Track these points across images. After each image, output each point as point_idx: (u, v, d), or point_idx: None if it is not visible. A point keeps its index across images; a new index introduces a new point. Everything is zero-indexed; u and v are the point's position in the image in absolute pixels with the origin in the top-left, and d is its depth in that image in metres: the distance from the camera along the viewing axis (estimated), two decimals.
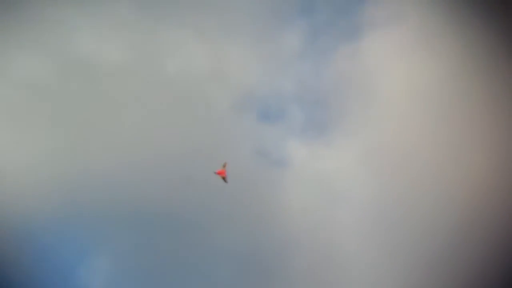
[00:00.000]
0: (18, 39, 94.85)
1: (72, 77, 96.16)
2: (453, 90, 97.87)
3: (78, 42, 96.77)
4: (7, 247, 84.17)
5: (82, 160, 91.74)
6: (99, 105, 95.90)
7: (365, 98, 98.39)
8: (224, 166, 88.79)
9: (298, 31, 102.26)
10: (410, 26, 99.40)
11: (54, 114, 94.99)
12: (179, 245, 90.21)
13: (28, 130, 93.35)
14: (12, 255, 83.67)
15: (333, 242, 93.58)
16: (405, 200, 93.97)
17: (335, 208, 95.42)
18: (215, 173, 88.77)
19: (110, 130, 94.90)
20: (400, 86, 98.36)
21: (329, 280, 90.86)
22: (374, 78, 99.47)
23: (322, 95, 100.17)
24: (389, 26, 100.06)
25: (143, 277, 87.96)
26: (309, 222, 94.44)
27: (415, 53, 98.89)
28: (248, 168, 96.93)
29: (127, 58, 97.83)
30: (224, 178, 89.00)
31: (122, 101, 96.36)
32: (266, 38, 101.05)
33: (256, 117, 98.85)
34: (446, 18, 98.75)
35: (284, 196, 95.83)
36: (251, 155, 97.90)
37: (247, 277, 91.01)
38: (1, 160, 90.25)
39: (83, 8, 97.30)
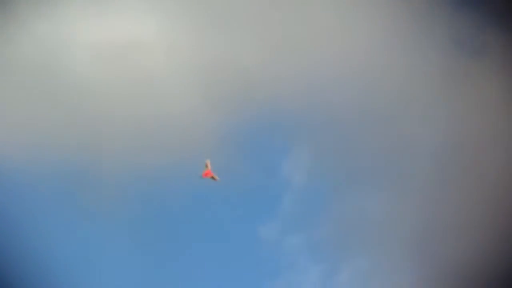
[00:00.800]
0: None
1: None
2: None
3: None
4: None
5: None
6: None
7: None
8: (206, 166, 77.68)
9: None
10: None
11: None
12: (374, 143, 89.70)
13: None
14: None
15: None
16: None
17: None
18: (201, 177, 77.44)
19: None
20: None
21: None
22: None
23: None
24: None
25: (339, 171, 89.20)
26: None
27: None
28: (444, 58, 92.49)
29: None
30: (213, 178, 77.73)
31: None
32: None
33: (453, 4, 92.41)
34: None
35: (480, 89, 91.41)
36: (447, 44, 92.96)
37: (444, 172, 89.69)
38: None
39: None
